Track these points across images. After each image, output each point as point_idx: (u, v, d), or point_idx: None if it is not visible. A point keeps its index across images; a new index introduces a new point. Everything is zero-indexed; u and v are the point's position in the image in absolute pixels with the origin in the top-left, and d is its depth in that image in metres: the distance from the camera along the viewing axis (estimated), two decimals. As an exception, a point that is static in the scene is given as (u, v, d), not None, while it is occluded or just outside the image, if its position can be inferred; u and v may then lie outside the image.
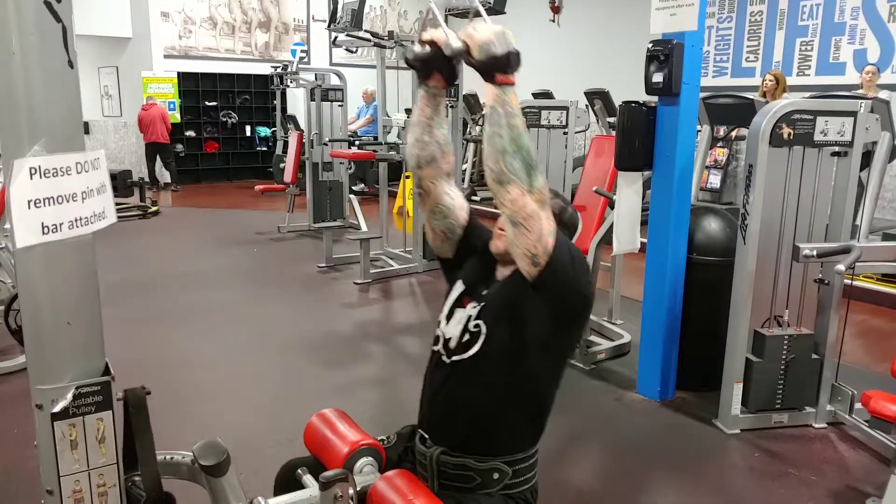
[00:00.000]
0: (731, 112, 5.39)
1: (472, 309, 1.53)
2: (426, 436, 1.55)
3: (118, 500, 0.88)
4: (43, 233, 0.81)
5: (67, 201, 0.83)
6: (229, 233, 7.44)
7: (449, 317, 1.58)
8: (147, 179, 9.22)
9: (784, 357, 2.99)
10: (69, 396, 0.84)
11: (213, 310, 4.81)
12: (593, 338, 4.06)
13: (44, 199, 0.81)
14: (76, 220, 0.84)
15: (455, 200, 1.62)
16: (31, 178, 0.81)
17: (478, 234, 1.66)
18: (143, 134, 10.12)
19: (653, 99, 3.16)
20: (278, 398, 3.41)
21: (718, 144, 7.54)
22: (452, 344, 1.53)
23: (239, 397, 3.43)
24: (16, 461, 2.63)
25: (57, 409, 0.83)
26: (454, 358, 1.51)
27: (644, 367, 3.40)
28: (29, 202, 0.81)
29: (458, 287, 1.61)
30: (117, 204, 8.33)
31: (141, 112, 10.12)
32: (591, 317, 4.15)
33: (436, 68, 1.47)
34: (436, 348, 1.58)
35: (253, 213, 8.65)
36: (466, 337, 1.50)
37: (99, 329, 0.88)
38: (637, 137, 3.13)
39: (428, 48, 1.43)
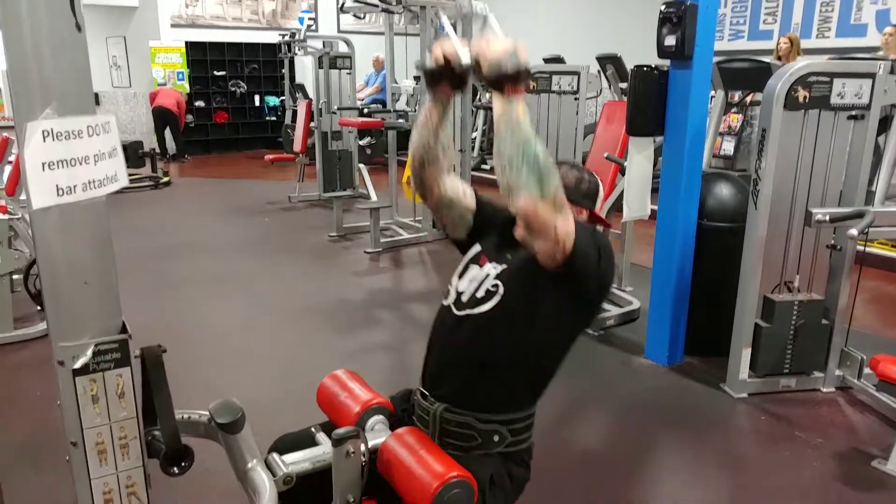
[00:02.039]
0: (746, 76, 5.30)
1: (492, 268, 1.53)
2: (427, 392, 1.56)
3: (139, 452, 0.91)
4: (58, 195, 0.83)
5: (80, 164, 0.85)
6: (240, 203, 7.47)
7: (462, 273, 1.59)
8: (156, 150, 9.21)
9: (793, 322, 3.00)
10: (89, 353, 0.86)
11: (226, 278, 4.86)
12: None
13: (57, 162, 0.83)
14: (90, 183, 0.86)
15: (458, 190, 1.63)
16: (44, 141, 0.83)
17: (490, 212, 1.66)
18: (153, 103, 10.13)
19: (665, 63, 3.12)
20: (291, 363, 3.46)
21: (732, 110, 7.42)
22: (465, 298, 1.53)
23: (252, 362, 3.48)
24: (41, 421, 2.70)
25: (78, 364, 0.86)
26: (465, 311, 1.52)
27: (652, 331, 3.42)
28: (43, 164, 0.83)
29: (476, 248, 1.62)
30: (129, 175, 8.40)
31: (159, 88, 10.18)
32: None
33: (445, 79, 1.48)
34: (445, 302, 1.59)
35: (263, 183, 8.67)
36: (482, 294, 1.50)
37: (115, 289, 0.90)
38: (648, 102, 3.10)
39: (440, 62, 1.44)
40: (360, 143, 7.49)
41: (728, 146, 7.88)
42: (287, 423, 1.68)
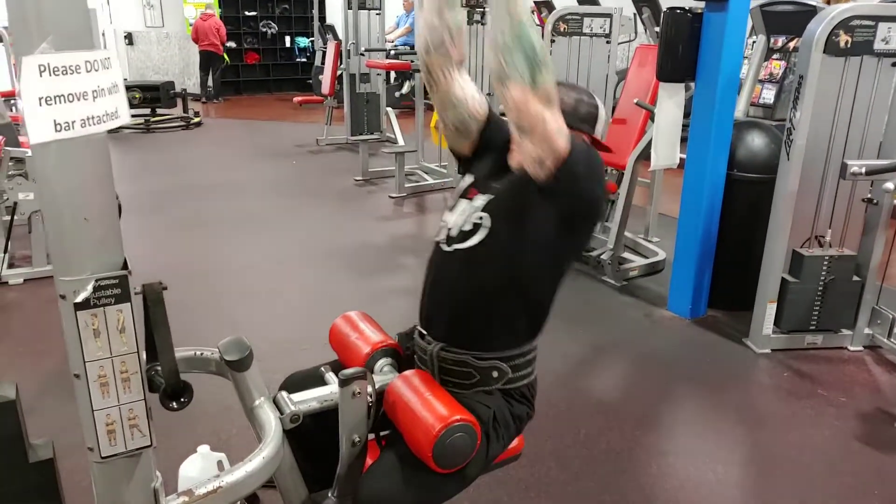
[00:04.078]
0: (791, 21, 5.05)
1: (479, 200, 1.48)
2: (424, 332, 1.55)
3: (140, 386, 0.93)
4: (55, 130, 0.82)
5: (78, 99, 0.84)
6: (269, 144, 7.49)
7: (453, 209, 1.54)
8: (188, 90, 9.23)
9: (823, 278, 2.93)
10: (89, 288, 0.87)
11: (252, 219, 4.92)
12: (627, 254, 4.02)
13: (55, 97, 0.82)
14: (88, 119, 0.85)
15: (467, 92, 1.53)
16: (41, 76, 0.82)
17: (495, 130, 1.57)
18: (198, 43, 10.13)
19: (700, 5, 2.98)
20: (311, 304, 3.52)
21: (774, 56, 7.11)
22: (454, 232, 1.49)
23: (274, 302, 3.55)
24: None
25: (79, 299, 0.87)
26: (454, 246, 1.48)
27: (676, 283, 3.38)
28: (40, 99, 0.82)
29: (468, 179, 1.57)
30: (161, 115, 8.48)
31: (198, 21, 10.10)
32: (627, 233, 4.11)
33: None
34: (437, 238, 1.55)
35: (292, 125, 8.66)
36: (468, 227, 1.46)
37: (116, 226, 0.90)
38: (680, 46, 2.98)
39: None
40: (403, 91, 7.39)
41: (768, 94, 7.56)
42: (305, 361, 1.71)
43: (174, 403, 0.97)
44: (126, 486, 1.00)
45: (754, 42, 6.13)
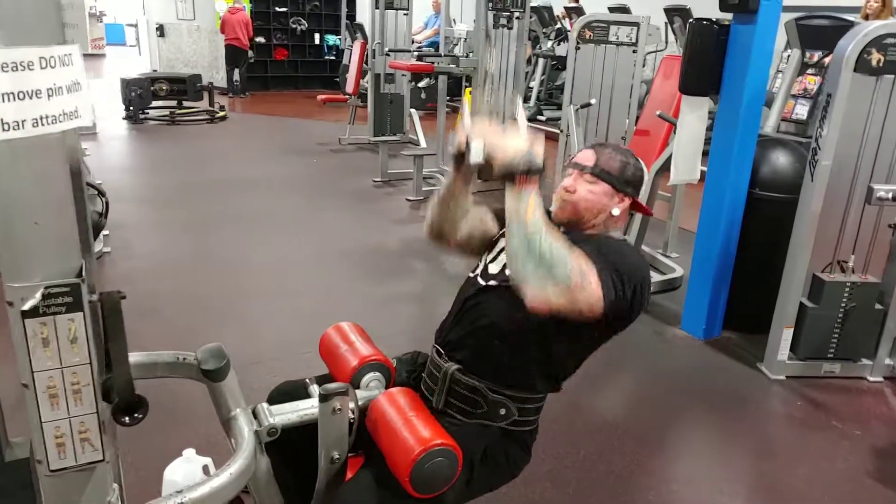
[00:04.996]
0: (827, 35, 4.88)
1: None
2: (442, 350, 1.53)
3: (92, 398, 0.88)
4: (3, 129, 0.78)
5: (30, 98, 0.80)
6: (291, 141, 7.50)
7: (493, 250, 1.57)
8: (214, 84, 9.29)
9: (844, 305, 2.81)
10: (38, 296, 0.83)
11: (268, 216, 4.91)
12: (643, 270, 3.92)
13: (4, 95, 0.78)
14: (41, 118, 0.81)
15: (474, 226, 1.60)
16: (-7, 72, 0.78)
17: None
18: (225, 37, 10.20)
19: (728, 17, 2.89)
20: (320, 307, 3.48)
21: (809, 72, 6.93)
22: (493, 270, 1.50)
23: (283, 303, 3.52)
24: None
25: (26, 307, 0.83)
26: (490, 282, 1.49)
27: (691, 302, 3.28)
28: (-10, 96, 0.78)
29: None
30: (187, 108, 8.54)
31: (226, 14, 10.17)
32: (644, 248, 4.01)
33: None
34: (472, 274, 1.57)
35: (317, 123, 8.67)
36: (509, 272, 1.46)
37: (73, 231, 0.86)
38: (705, 59, 2.89)
39: (461, 149, 1.40)
40: (420, 84, 7.33)
41: (801, 110, 7.38)
42: (305, 366, 1.69)
43: (127, 418, 0.92)
44: (77, 501, 0.95)
45: (788, 56, 5.98)
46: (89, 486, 0.96)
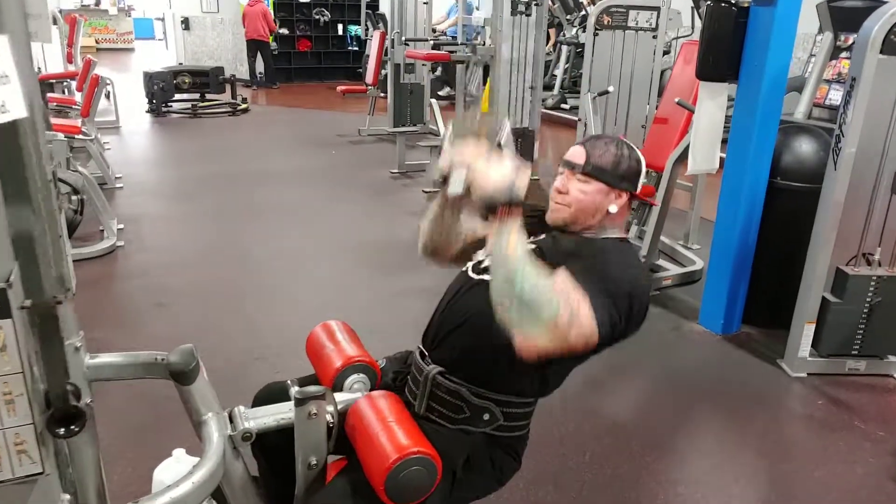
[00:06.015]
0: (861, 17, 4.65)
1: None
2: (426, 352, 1.47)
3: (28, 409, 0.84)
4: (-83, 127, 0.74)
5: (-52, 93, 0.76)
6: (311, 133, 7.49)
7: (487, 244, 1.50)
8: (237, 76, 9.32)
9: (869, 299, 2.68)
10: (-39, 303, 0.79)
11: (284, 209, 4.90)
12: (662, 261, 3.81)
13: (-81, 90, 0.74)
14: (-38, 115, 0.77)
15: (467, 240, 1.58)
16: None
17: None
18: (246, 30, 10.25)
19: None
20: (330, 302, 3.45)
21: (843, 55, 6.66)
22: (485, 264, 1.44)
23: (293, 297, 3.50)
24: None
25: (-50, 315, 0.79)
26: (481, 276, 1.42)
27: (709, 296, 3.17)
28: None
29: None
30: (209, 101, 8.59)
31: (246, 7, 10.21)
32: (664, 239, 3.89)
33: None
34: (464, 268, 1.53)
35: (338, 115, 8.65)
36: None
37: (2, 235, 0.82)
38: (722, 43, 2.76)
39: (444, 175, 1.34)
40: (435, 74, 7.24)
41: (835, 95, 7.10)
42: (308, 363, 1.63)
43: (62, 430, 0.88)
44: (20, 514, 0.92)
45: (820, 39, 5.75)
46: (31, 500, 0.92)
